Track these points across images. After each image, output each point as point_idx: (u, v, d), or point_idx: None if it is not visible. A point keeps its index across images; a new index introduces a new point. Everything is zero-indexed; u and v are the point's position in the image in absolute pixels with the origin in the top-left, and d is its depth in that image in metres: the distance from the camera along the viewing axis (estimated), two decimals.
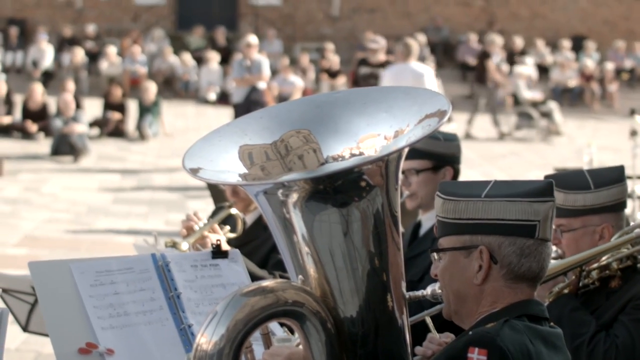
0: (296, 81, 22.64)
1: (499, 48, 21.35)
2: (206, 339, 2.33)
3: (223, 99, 23.84)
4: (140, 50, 25.28)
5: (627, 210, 3.95)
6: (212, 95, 24.56)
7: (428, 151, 4.41)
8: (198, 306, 3.49)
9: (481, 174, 16.12)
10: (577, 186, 3.72)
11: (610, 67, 27.07)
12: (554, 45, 29.37)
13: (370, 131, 2.67)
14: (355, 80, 14.64)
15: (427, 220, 4.50)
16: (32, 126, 18.69)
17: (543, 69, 27.08)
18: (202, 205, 12.08)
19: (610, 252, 3.65)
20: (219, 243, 3.76)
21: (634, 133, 12.99)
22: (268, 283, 2.45)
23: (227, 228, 4.49)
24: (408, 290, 2.71)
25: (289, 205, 2.50)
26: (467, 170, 14.11)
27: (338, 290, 2.55)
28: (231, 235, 4.47)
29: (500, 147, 19.76)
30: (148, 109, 19.49)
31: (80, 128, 17.33)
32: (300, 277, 2.58)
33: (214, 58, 25.22)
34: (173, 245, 4.24)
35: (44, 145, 17.81)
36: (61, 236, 11.42)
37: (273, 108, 2.86)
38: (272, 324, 3.03)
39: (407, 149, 2.61)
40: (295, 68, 24.33)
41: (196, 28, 28.02)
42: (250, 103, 14.81)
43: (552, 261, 3.51)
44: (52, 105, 18.75)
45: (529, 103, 21.65)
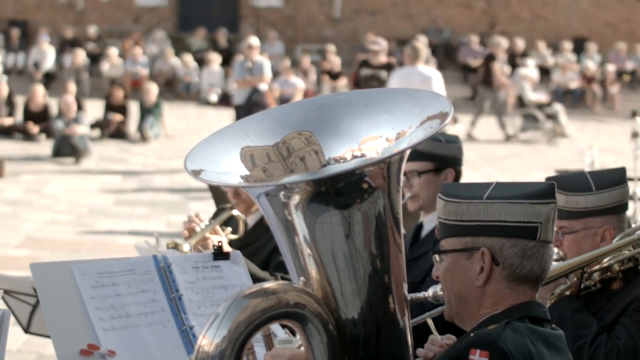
0: (297, 83, 22.65)
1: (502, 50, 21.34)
2: (208, 341, 2.33)
3: (224, 100, 23.84)
4: (141, 52, 25.29)
5: (629, 212, 3.95)
6: (214, 97, 24.56)
7: (430, 153, 4.41)
8: (199, 308, 3.49)
9: (482, 175, 16.11)
10: (579, 188, 3.72)
11: (611, 69, 27.07)
12: (555, 47, 29.37)
13: (372, 133, 2.67)
14: (357, 81, 14.65)
15: (429, 222, 4.50)
16: (34, 128, 18.69)
17: (544, 71, 27.08)
18: (204, 207, 12.08)
19: (611, 254, 3.64)
20: (220, 245, 3.76)
21: (635, 135, 12.97)
22: (270, 285, 2.45)
23: (229, 229, 4.49)
24: (410, 292, 2.71)
25: (291, 207, 2.50)
26: (468, 172, 14.11)
27: (340, 292, 2.55)
28: (233, 237, 4.47)
29: (502, 149, 19.76)
30: (149, 111, 19.50)
31: (81, 129, 17.34)
32: (302, 279, 2.58)
33: (215, 59, 25.23)
34: (175, 246, 4.24)
35: (46, 146, 17.82)
36: (62, 237, 11.43)
37: (275, 110, 2.86)
38: (274, 326, 3.03)
39: (409, 150, 2.61)
40: (296, 70, 24.33)
41: (198, 30, 28.02)
42: (251, 104, 14.82)
43: (554, 263, 3.51)
44: (54, 106, 18.76)
45: (534, 105, 21.65)
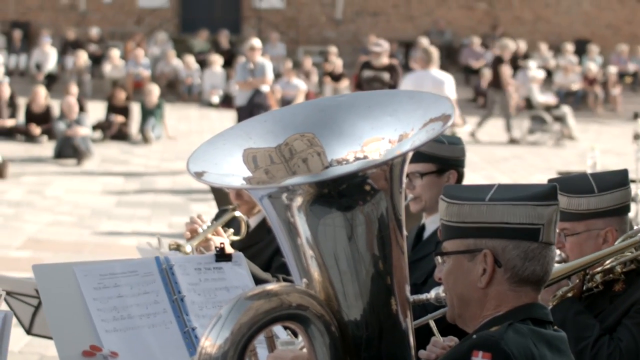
0: (299, 84, 22.66)
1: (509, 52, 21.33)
2: (210, 342, 2.33)
3: (226, 102, 23.86)
4: (143, 54, 25.31)
5: (631, 214, 3.95)
6: (215, 99, 24.58)
7: (432, 154, 4.41)
8: (202, 309, 3.49)
9: (484, 177, 16.11)
10: (581, 190, 3.73)
11: (613, 71, 27.07)
12: (557, 49, 29.37)
13: (374, 135, 2.67)
14: (359, 83, 14.64)
15: (431, 223, 4.50)
16: (36, 129, 18.71)
17: (546, 73, 27.07)
18: (206, 208, 12.09)
19: (614, 256, 3.64)
20: (222, 246, 3.76)
21: (637, 137, 12.97)
22: (272, 286, 2.45)
23: (231, 231, 4.50)
24: (412, 294, 2.71)
25: (294, 209, 2.50)
26: (470, 174, 14.12)
27: (342, 294, 2.55)
28: (235, 238, 4.48)
29: (504, 151, 19.76)
30: (151, 112, 19.50)
31: (83, 131, 17.35)
32: (305, 281, 2.58)
33: (217, 61, 25.24)
34: (177, 247, 4.25)
35: (48, 148, 17.83)
36: (64, 239, 11.43)
37: (277, 112, 2.87)
38: (276, 327, 3.03)
39: (412, 152, 2.62)
40: (298, 71, 24.34)
41: (200, 31, 28.03)
42: (253, 106, 14.82)
43: (556, 265, 3.51)
44: (56, 108, 18.76)
45: (542, 107, 21.64)
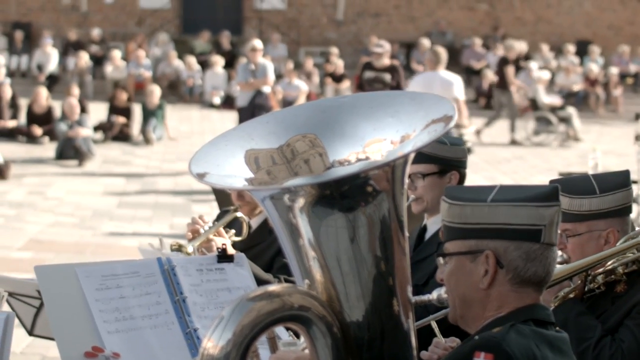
0: (301, 85, 22.66)
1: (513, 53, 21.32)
2: (213, 344, 2.34)
3: (227, 103, 23.87)
4: (144, 55, 25.32)
5: (633, 215, 3.95)
6: (217, 99, 24.58)
7: (434, 155, 4.41)
8: (204, 310, 3.50)
9: (485, 178, 16.11)
10: (583, 191, 3.73)
11: (614, 72, 27.06)
12: (558, 50, 29.37)
13: (376, 136, 2.67)
14: (360, 84, 14.65)
15: (433, 224, 4.50)
16: (37, 130, 18.72)
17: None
18: (207, 209, 12.10)
19: (615, 257, 3.65)
20: (224, 247, 3.77)
21: (638, 137, 12.97)
22: (274, 288, 2.45)
23: (232, 232, 4.50)
24: (413, 295, 2.71)
25: (296, 210, 2.50)
26: (471, 175, 14.10)
27: (344, 295, 2.55)
28: (236, 239, 4.48)
29: (505, 152, 19.76)
30: (152, 113, 19.51)
31: (85, 132, 17.36)
32: (307, 282, 2.58)
33: (218, 62, 25.25)
34: (178, 247, 4.25)
35: (49, 149, 17.84)
36: (66, 240, 11.43)
37: (279, 113, 2.87)
38: (278, 328, 3.03)
39: (413, 154, 2.62)
40: (299, 72, 24.34)
41: (201, 32, 28.04)
42: (254, 107, 14.82)
43: (558, 266, 3.51)
44: (57, 109, 18.77)
45: (547, 108, 21.64)
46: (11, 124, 19.20)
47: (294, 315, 2.45)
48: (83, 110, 18.40)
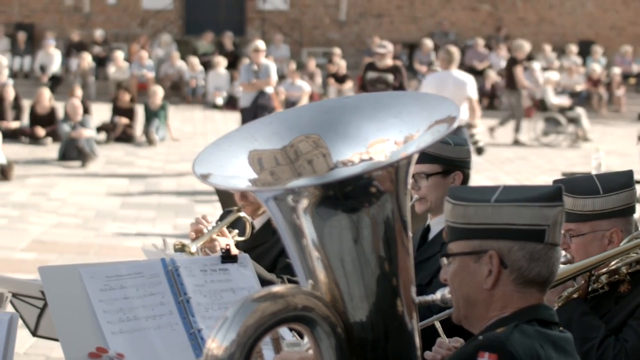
0: (303, 86, 22.67)
1: (520, 53, 21.30)
2: (217, 344, 2.34)
3: (230, 103, 23.88)
4: (147, 55, 25.33)
5: (636, 215, 3.95)
6: (219, 100, 24.59)
7: (438, 155, 4.41)
8: (207, 310, 3.50)
9: (488, 178, 16.11)
10: (586, 191, 3.73)
11: (617, 72, 27.05)
12: (561, 50, 29.35)
13: (380, 136, 2.67)
14: (363, 84, 14.65)
15: (436, 224, 4.50)
16: (40, 131, 18.73)
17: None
18: (210, 210, 12.10)
19: (619, 257, 3.65)
20: (228, 248, 3.77)
21: None
22: (278, 288, 2.45)
23: (235, 232, 4.51)
24: (417, 295, 2.71)
25: (299, 211, 2.50)
26: (474, 175, 14.08)
27: (348, 295, 2.55)
28: (239, 239, 4.48)
29: (508, 152, 19.75)
30: (155, 114, 19.52)
31: (87, 133, 17.37)
32: (310, 282, 2.58)
33: (221, 63, 25.26)
34: (182, 247, 4.25)
35: (52, 150, 17.85)
36: (69, 240, 11.44)
37: (282, 113, 2.87)
38: (282, 329, 3.03)
39: (417, 154, 2.62)
40: (302, 73, 24.35)
41: (204, 33, 28.04)
42: (257, 107, 14.84)
43: (562, 266, 3.51)
44: (60, 110, 18.79)
45: (556, 109, 21.63)
46: (14, 125, 19.21)
47: (298, 316, 2.45)
48: (86, 111, 18.41)
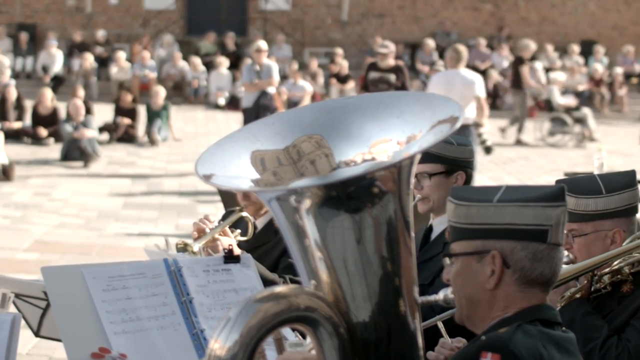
0: (305, 86, 22.67)
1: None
2: (220, 345, 2.34)
3: (232, 103, 23.88)
4: (149, 56, 25.34)
5: (639, 215, 3.95)
6: (222, 100, 24.59)
7: (441, 155, 4.41)
8: (210, 311, 3.50)
9: (490, 178, 16.10)
10: (589, 191, 3.73)
11: (619, 72, 27.03)
12: (563, 50, 29.34)
13: (382, 136, 2.67)
14: (365, 85, 14.65)
15: (439, 224, 4.49)
16: (42, 131, 18.74)
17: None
18: (213, 210, 12.11)
19: (621, 257, 3.64)
20: (231, 248, 3.77)
21: None
22: (281, 289, 2.46)
23: (238, 231, 4.51)
24: (419, 294, 2.71)
25: (302, 212, 2.50)
26: (477, 175, 14.08)
27: (351, 295, 2.55)
28: (242, 239, 4.48)
29: (510, 152, 19.74)
30: (157, 114, 19.53)
31: (90, 133, 17.38)
32: (313, 282, 2.58)
33: (223, 63, 25.26)
34: (184, 246, 4.26)
35: (54, 150, 17.86)
36: (72, 241, 11.45)
37: (285, 114, 2.87)
38: (284, 329, 3.03)
39: (419, 154, 2.62)
40: (304, 73, 24.35)
41: (206, 33, 28.04)
42: (259, 108, 14.84)
43: (564, 266, 3.51)
44: (62, 110, 18.80)
45: (562, 109, 21.62)
46: (16, 125, 19.22)
47: (300, 316, 2.45)
48: (88, 111, 18.42)
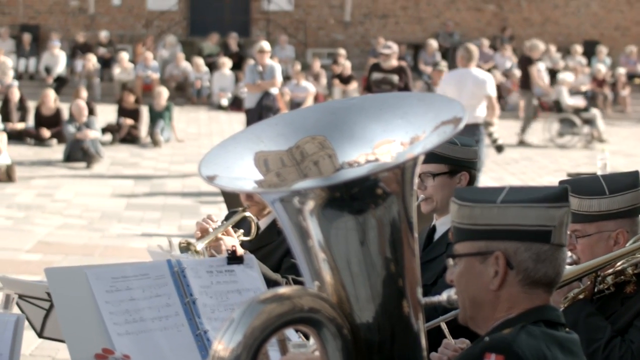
0: (308, 87, 22.68)
1: (540, 52, 21.26)
2: (223, 346, 2.34)
3: (235, 104, 23.89)
4: (152, 57, 25.35)
5: None
6: (224, 101, 24.60)
7: (445, 155, 4.41)
8: (214, 312, 3.50)
9: (493, 179, 16.10)
10: (592, 192, 3.73)
11: (622, 72, 27.02)
12: (566, 51, 29.33)
13: (386, 137, 2.66)
14: (368, 85, 14.65)
15: (442, 224, 4.50)
16: (45, 132, 18.76)
17: (555, 74, 27.02)
18: (215, 211, 12.10)
19: (625, 258, 3.64)
20: (234, 249, 3.77)
21: None
22: (284, 290, 2.46)
23: (241, 231, 4.51)
24: (422, 295, 2.71)
25: (306, 213, 2.50)
26: (479, 175, 14.08)
27: (354, 297, 2.55)
28: (245, 239, 4.49)
29: (513, 152, 19.73)
30: (160, 115, 19.53)
31: (93, 134, 17.39)
32: (317, 283, 2.58)
33: (226, 64, 25.27)
34: (187, 246, 4.26)
35: (57, 151, 17.87)
36: (75, 242, 11.45)
37: (288, 114, 2.87)
38: (288, 330, 3.03)
39: (423, 155, 2.62)
40: (307, 73, 24.36)
41: (209, 34, 28.05)
42: (262, 108, 14.85)
43: (567, 267, 3.51)
44: (65, 111, 18.81)
45: (571, 110, 21.62)
46: (19, 126, 19.25)
47: (304, 318, 2.45)
48: (91, 112, 18.43)
